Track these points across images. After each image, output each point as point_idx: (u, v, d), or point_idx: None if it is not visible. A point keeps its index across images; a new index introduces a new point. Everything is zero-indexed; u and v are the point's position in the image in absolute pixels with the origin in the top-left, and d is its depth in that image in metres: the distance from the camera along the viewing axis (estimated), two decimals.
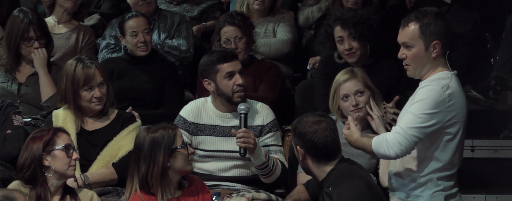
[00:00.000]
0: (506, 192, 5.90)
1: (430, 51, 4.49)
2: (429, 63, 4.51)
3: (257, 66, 6.06)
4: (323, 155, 4.47)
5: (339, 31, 5.58)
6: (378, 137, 4.46)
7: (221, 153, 5.17)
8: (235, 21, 6.03)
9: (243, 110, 4.99)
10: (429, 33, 4.47)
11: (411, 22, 4.51)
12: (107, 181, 5.05)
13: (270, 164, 5.03)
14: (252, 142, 4.91)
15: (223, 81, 5.12)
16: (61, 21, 6.53)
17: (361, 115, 5.10)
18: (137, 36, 6.02)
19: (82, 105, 5.09)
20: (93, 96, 5.07)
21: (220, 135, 5.18)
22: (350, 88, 5.13)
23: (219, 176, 5.16)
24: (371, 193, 4.36)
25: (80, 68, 5.07)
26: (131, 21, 6.06)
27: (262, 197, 5.02)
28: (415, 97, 4.47)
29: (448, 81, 4.46)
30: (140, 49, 6.03)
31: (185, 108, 5.29)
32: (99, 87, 5.08)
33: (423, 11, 4.52)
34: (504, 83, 6.52)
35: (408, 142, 4.39)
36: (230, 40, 6.00)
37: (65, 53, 6.43)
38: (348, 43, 5.55)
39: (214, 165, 5.19)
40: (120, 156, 5.07)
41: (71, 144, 4.50)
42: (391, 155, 4.40)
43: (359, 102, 5.11)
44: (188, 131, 5.18)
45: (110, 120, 5.17)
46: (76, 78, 5.06)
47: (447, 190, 4.55)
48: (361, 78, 5.15)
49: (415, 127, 4.40)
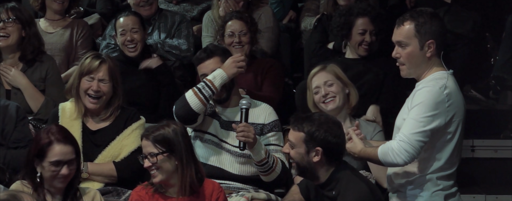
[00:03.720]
0: (506, 192, 5.91)
1: (425, 51, 4.50)
2: (424, 63, 4.51)
3: (258, 64, 6.08)
4: (337, 157, 4.44)
5: (365, 24, 5.82)
6: (383, 147, 4.44)
7: (223, 143, 5.17)
8: (243, 16, 6.11)
9: (244, 105, 5.02)
10: (424, 32, 4.48)
11: (407, 21, 4.52)
12: (105, 175, 5.01)
13: (270, 161, 5.04)
14: (252, 136, 4.92)
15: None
16: (53, 20, 6.55)
17: (333, 106, 5.21)
18: (125, 34, 6.00)
19: (80, 95, 5.08)
20: (91, 88, 5.05)
21: (223, 127, 5.20)
22: (319, 80, 5.26)
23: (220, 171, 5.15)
24: (373, 197, 4.36)
25: (90, 58, 5.11)
26: (121, 19, 6.06)
27: (261, 197, 5.02)
28: (414, 99, 4.46)
29: (445, 81, 4.46)
30: (128, 48, 6.01)
31: None
32: (101, 82, 5.07)
33: (419, 11, 4.54)
34: (504, 83, 6.53)
35: (414, 148, 4.39)
36: (235, 34, 6.04)
37: (60, 50, 6.43)
38: (370, 37, 5.79)
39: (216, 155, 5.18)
40: (122, 156, 5.05)
41: (62, 160, 4.34)
42: (400, 162, 4.41)
43: (329, 91, 5.22)
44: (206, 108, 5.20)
45: (112, 117, 5.15)
46: (83, 65, 5.10)
47: (446, 189, 4.55)
48: (330, 69, 5.28)
49: (418, 132, 4.39)
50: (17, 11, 5.68)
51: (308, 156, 4.42)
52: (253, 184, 5.18)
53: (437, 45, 4.49)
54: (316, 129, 4.39)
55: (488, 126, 6.43)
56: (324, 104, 5.23)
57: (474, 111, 6.48)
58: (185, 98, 5.04)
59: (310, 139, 4.39)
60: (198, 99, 5.02)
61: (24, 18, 5.68)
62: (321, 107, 5.25)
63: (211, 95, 5.04)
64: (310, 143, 4.39)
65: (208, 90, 5.03)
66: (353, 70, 5.76)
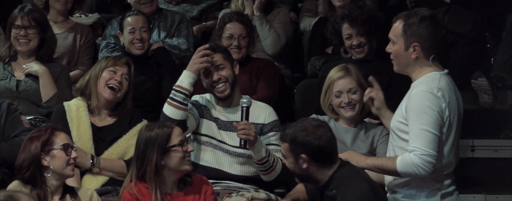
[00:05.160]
0: (506, 192, 5.91)
1: (410, 52, 4.49)
2: (411, 64, 4.52)
3: (253, 64, 6.08)
4: (328, 158, 4.44)
5: (348, 28, 5.75)
6: (403, 160, 4.44)
7: (223, 145, 5.17)
8: (243, 19, 6.09)
9: (245, 103, 5.04)
10: (410, 34, 4.47)
11: (399, 19, 4.53)
12: (116, 172, 5.12)
13: (270, 160, 5.04)
14: (253, 134, 4.93)
15: (206, 79, 5.19)
16: (57, 21, 6.56)
17: (353, 114, 5.18)
18: (134, 32, 6.04)
19: (97, 89, 5.20)
20: (113, 78, 5.19)
21: (222, 128, 5.20)
22: (344, 85, 5.19)
23: (219, 172, 5.15)
24: (375, 196, 4.36)
25: (113, 57, 5.32)
26: (130, 18, 6.09)
27: (261, 196, 5.02)
28: (410, 105, 4.46)
29: (437, 83, 4.46)
30: (136, 46, 6.05)
31: (195, 96, 5.32)
32: (122, 76, 5.22)
33: (414, 11, 4.53)
34: (504, 83, 6.52)
35: (434, 156, 4.40)
36: (234, 37, 6.03)
37: (63, 53, 6.45)
38: (357, 40, 5.72)
39: (215, 157, 5.19)
40: (130, 155, 5.11)
41: (70, 143, 4.49)
42: (424, 174, 4.43)
43: (352, 99, 5.17)
44: (198, 112, 5.21)
45: (118, 116, 5.27)
46: (107, 60, 5.27)
47: (443, 188, 4.55)
48: (355, 76, 5.22)
49: (431, 141, 4.40)
50: (35, 13, 5.78)
51: (298, 164, 4.43)
52: (253, 184, 5.18)
53: (424, 49, 4.47)
54: (296, 136, 4.39)
55: (488, 126, 6.43)
56: (344, 109, 5.19)
57: (474, 110, 6.47)
58: (163, 111, 5.07)
59: (293, 147, 4.41)
60: (173, 107, 5.02)
61: (42, 21, 5.81)
62: (339, 111, 5.21)
63: (185, 98, 5.04)
64: (295, 151, 4.41)
65: (179, 94, 5.03)
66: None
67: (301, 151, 4.40)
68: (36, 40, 5.77)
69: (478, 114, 6.40)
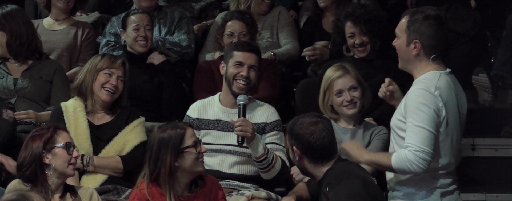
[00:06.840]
0: (506, 191, 5.91)
1: (411, 48, 4.51)
2: (411, 60, 4.54)
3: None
4: (320, 156, 4.48)
5: (351, 27, 5.79)
6: (398, 157, 4.44)
7: (223, 147, 5.18)
8: (244, 17, 6.11)
9: (242, 101, 5.06)
10: (412, 30, 4.50)
11: (406, 15, 4.57)
12: (111, 168, 5.12)
13: (269, 158, 5.04)
14: (250, 131, 4.94)
15: (231, 68, 5.20)
16: (58, 19, 6.56)
17: (354, 111, 5.20)
18: (138, 30, 6.04)
19: (93, 90, 5.21)
20: (109, 82, 5.19)
21: (224, 129, 5.21)
22: (344, 84, 5.21)
23: (220, 173, 5.16)
24: (367, 192, 4.36)
25: (108, 56, 5.30)
26: (135, 16, 6.09)
27: (262, 195, 5.03)
28: (408, 103, 4.47)
29: (435, 82, 4.47)
30: (139, 44, 6.05)
31: (192, 105, 5.36)
32: (118, 79, 5.22)
33: (421, 9, 4.55)
34: (504, 82, 6.52)
35: (429, 154, 4.40)
36: (234, 34, 6.04)
37: (64, 49, 6.44)
38: (360, 39, 5.75)
39: (216, 160, 5.19)
40: (127, 151, 5.15)
41: (71, 142, 4.49)
42: (418, 171, 4.43)
43: (354, 97, 5.19)
44: (194, 127, 5.21)
45: (115, 114, 5.29)
46: (102, 61, 5.25)
47: (444, 187, 4.55)
48: (354, 74, 5.24)
49: (426, 138, 4.40)
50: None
51: (294, 156, 4.54)
52: (253, 183, 5.18)
53: (424, 47, 4.49)
54: (292, 128, 4.52)
55: (489, 125, 6.43)
56: (346, 107, 5.21)
57: (474, 109, 6.46)
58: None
59: (289, 138, 4.53)
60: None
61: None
62: (341, 110, 5.23)
63: None
64: (290, 142, 4.53)
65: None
66: (361, 71, 5.72)
67: (293, 143, 4.51)
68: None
69: (478, 113, 6.40)
